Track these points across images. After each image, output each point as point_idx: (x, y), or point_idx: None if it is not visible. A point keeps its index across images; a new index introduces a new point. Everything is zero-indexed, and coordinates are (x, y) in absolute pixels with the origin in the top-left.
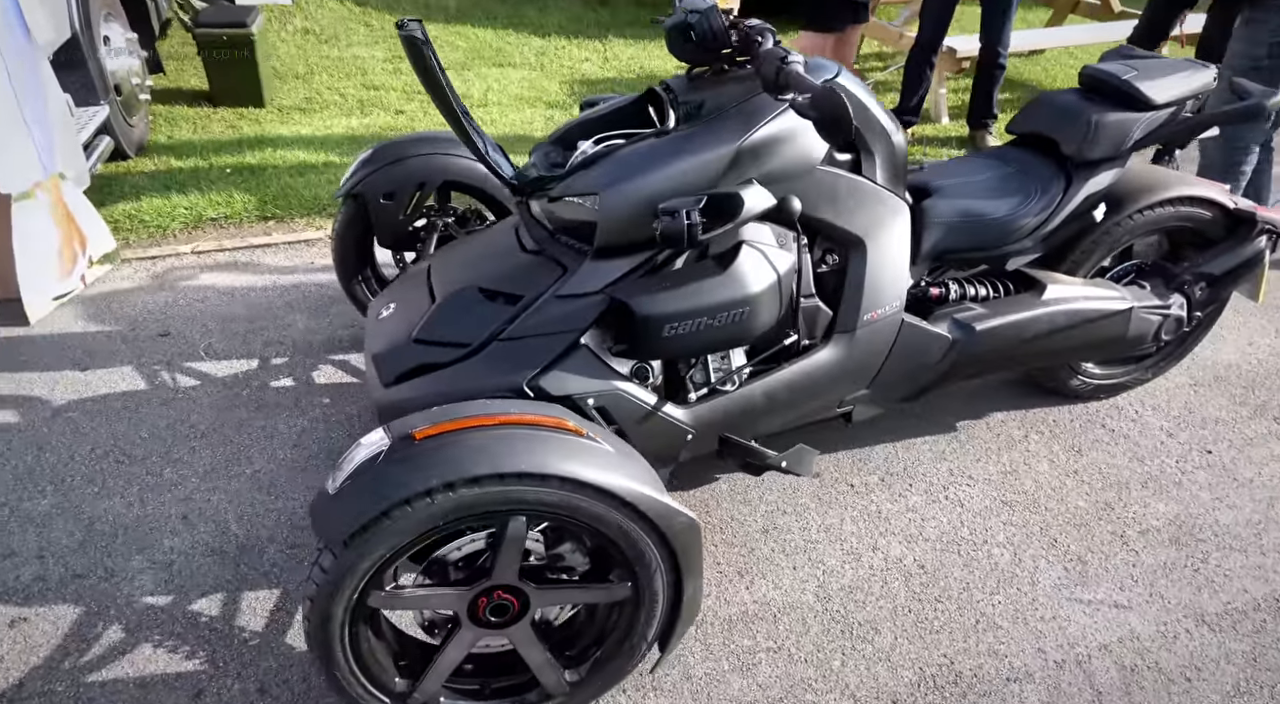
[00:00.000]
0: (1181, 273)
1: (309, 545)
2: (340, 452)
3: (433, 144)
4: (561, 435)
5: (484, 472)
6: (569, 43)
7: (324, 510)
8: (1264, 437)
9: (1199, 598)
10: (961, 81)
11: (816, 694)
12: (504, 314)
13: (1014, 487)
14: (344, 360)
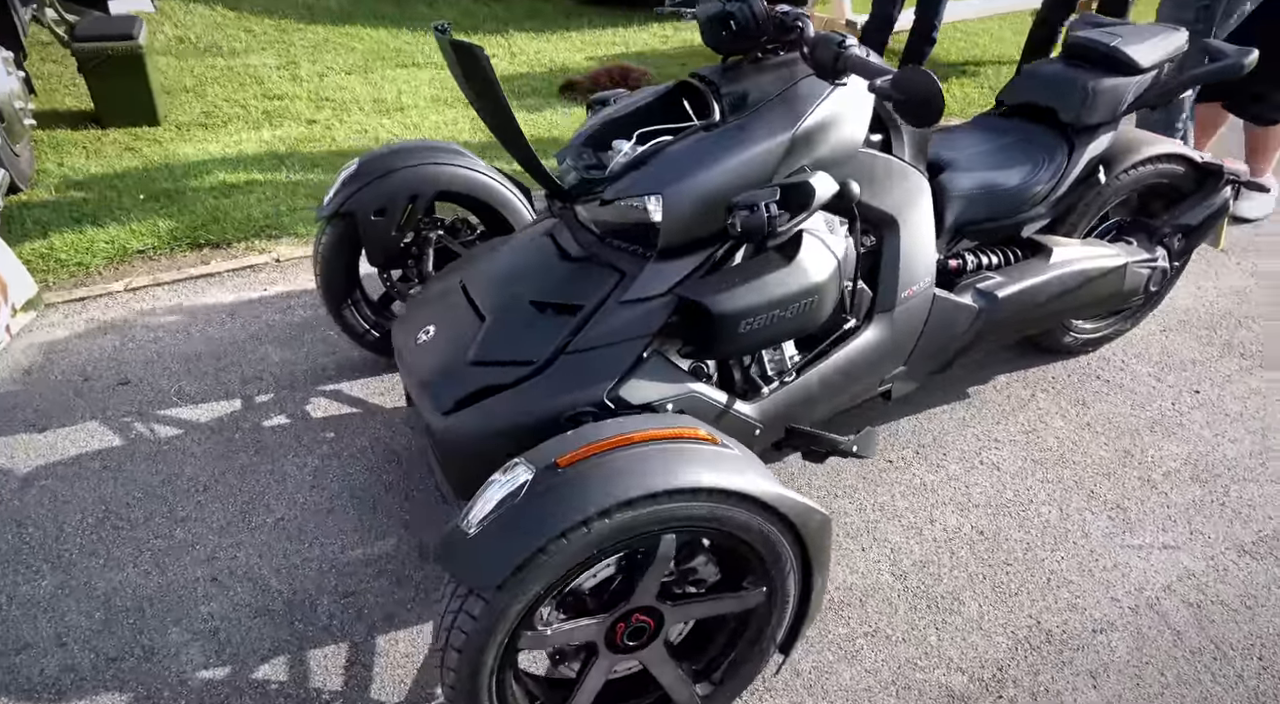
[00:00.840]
0: (1161, 226)
1: (365, 592)
2: (363, 489)
3: (418, 155)
4: (700, 446)
5: (638, 493)
6: (469, 39)
7: (466, 554)
8: (1238, 373)
9: (1234, 530)
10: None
11: (924, 672)
12: (564, 326)
13: (1038, 445)
14: (336, 390)
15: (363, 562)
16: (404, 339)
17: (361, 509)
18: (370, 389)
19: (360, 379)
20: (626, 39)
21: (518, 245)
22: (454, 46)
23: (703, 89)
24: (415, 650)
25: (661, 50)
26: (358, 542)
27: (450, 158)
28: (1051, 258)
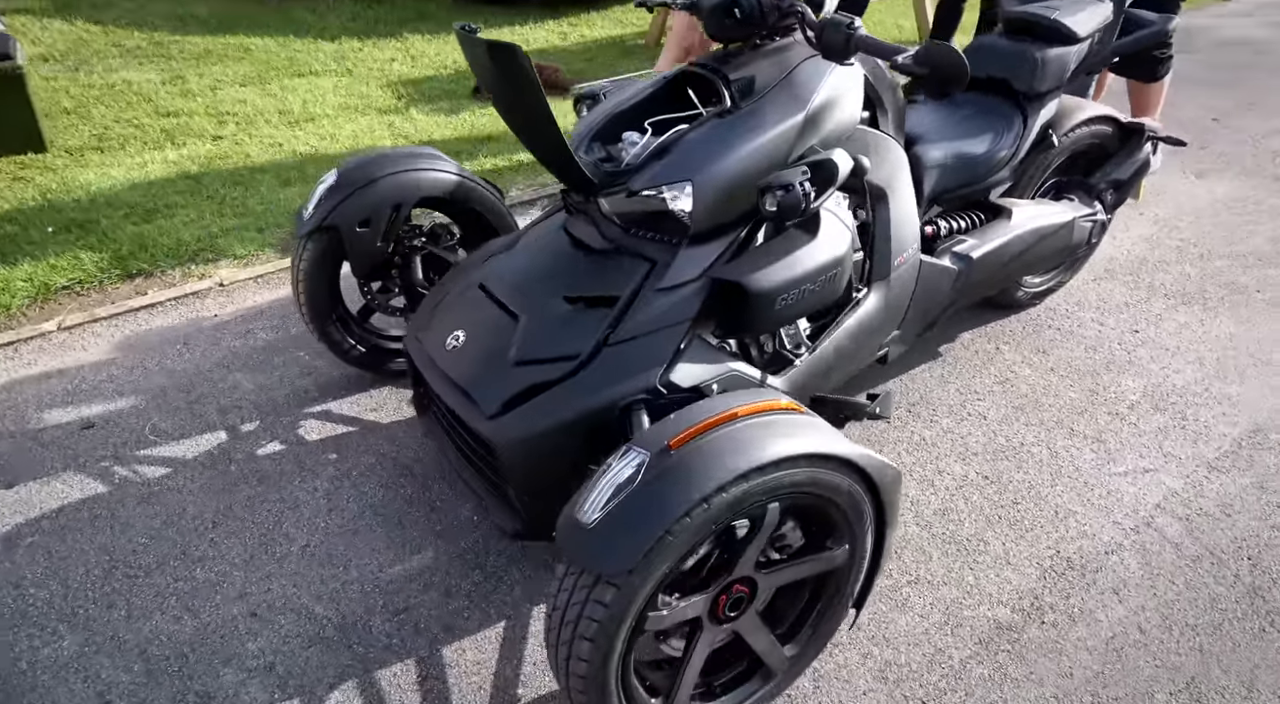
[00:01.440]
0: (1096, 183)
1: (416, 606)
2: (384, 506)
3: (398, 161)
4: (790, 416)
5: (748, 466)
6: (364, 43)
7: (594, 542)
8: (1167, 311)
9: (1199, 449)
10: None
11: (970, 609)
12: (602, 319)
13: (1014, 392)
14: (325, 411)
15: (405, 577)
16: (428, 347)
17: (388, 526)
18: (361, 406)
19: (347, 397)
20: (525, 37)
21: (533, 244)
22: (489, 47)
23: (709, 77)
24: (484, 657)
25: (562, 47)
26: (394, 558)
27: (429, 163)
28: (1012, 219)
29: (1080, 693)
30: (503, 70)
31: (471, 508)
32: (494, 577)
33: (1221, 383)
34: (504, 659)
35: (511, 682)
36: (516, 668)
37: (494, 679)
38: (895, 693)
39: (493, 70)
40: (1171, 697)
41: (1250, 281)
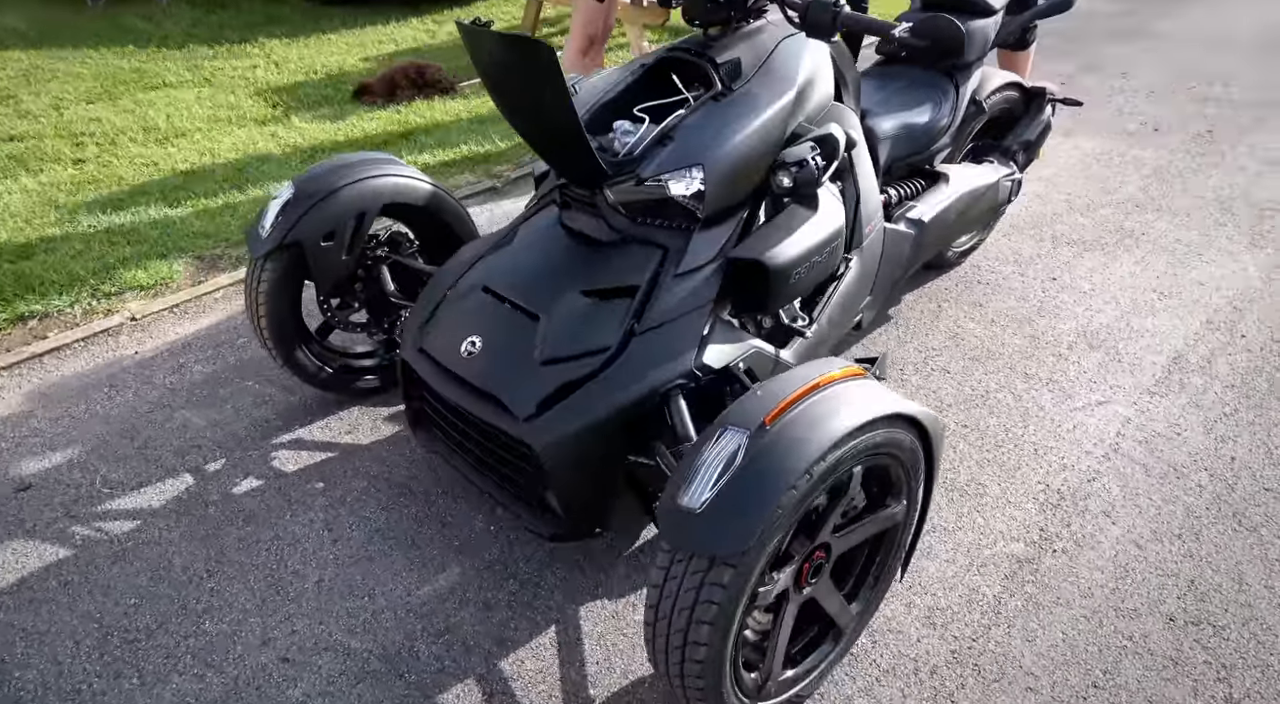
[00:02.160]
0: (1009, 145)
1: (458, 625)
2: (392, 528)
3: (357, 169)
4: (859, 381)
5: (841, 432)
6: (216, 51)
7: (706, 526)
8: (1074, 258)
9: (1137, 379)
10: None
11: (990, 547)
12: (623, 309)
13: (966, 345)
14: (294, 439)
15: (437, 597)
16: (438, 356)
17: (402, 548)
18: (334, 430)
19: (315, 422)
20: (391, 36)
21: (532, 241)
22: (509, 39)
23: (696, 61)
24: (545, 665)
25: (434, 44)
26: (419, 580)
27: (389, 168)
28: (950, 183)
29: (1104, 610)
30: (518, 63)
31: (485, 518)
32: (530, 584)
33: (1138, 318)
34: (565, 663)
35: (580, 685)
36: (580, 670)
37: (561, 684)
38: (946, 635)
39: (503, 63)
40: (1179, 600)
41: (1135, 226)
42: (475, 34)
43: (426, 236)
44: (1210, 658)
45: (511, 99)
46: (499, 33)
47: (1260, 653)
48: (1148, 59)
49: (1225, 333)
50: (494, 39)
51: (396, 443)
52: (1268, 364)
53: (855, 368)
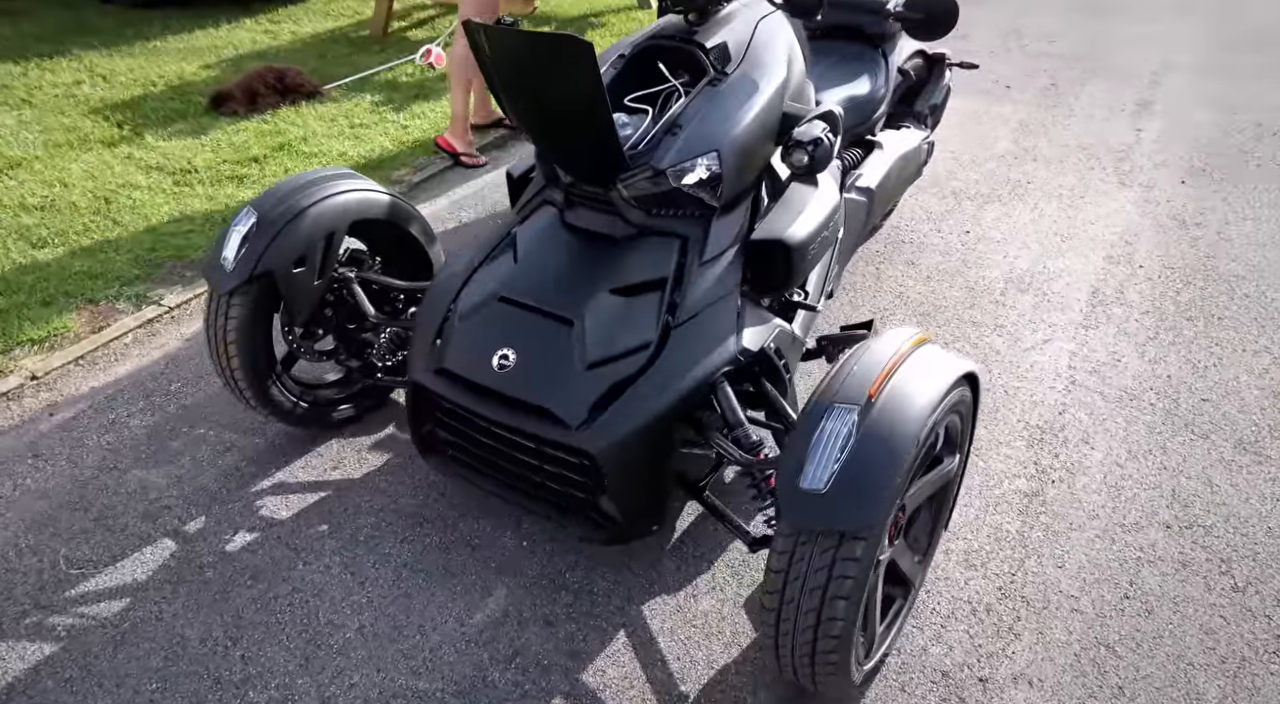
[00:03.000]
0: (919, 109)
1: (526, 646)
2: (419, 560)
3: (317, 187)
4: (930, 346)
5: (937, 398)
6: (25, 67)
7: (833, 505)
8: (978, 210)
9: (1067, 316)
10: None
11: (998, 487)
12: (655, 303)
13: (913, 302)
14: (276, 483)
15: (493, 622)
16: (466, 374)
17: (438, 578)
18: (316, 468)
19: (293, 463)
20: (230, 40)
21: (540, 245)
22: (556, 40)
23: (685, 48)
24: (627, 670)
25: (277, 46)
26: (468, 608)
27: (348, 183)
28: (884, 149)
29: (1112, 529)
30: (553, 60)
31: (514, 535)
32: (584, 592)
33: (1050, 260)
34: (647, 665)
35: (668, 683)
36: (664, 668)
37: (650, 686)
38: (988, 574)
39: (529, 62)
40: (1169, 509)
41: (1019, 176)
42: (500, 34)
43: (388, 251)
44: (1209, 555)
45: (531, 98)
46: (531, 32)
47: (1247, 544)
48: (980, 20)
49: (1126, 265)
50: (524, 38)
51: (392, 472)
52: (1169, 288)
53: (922, 334)
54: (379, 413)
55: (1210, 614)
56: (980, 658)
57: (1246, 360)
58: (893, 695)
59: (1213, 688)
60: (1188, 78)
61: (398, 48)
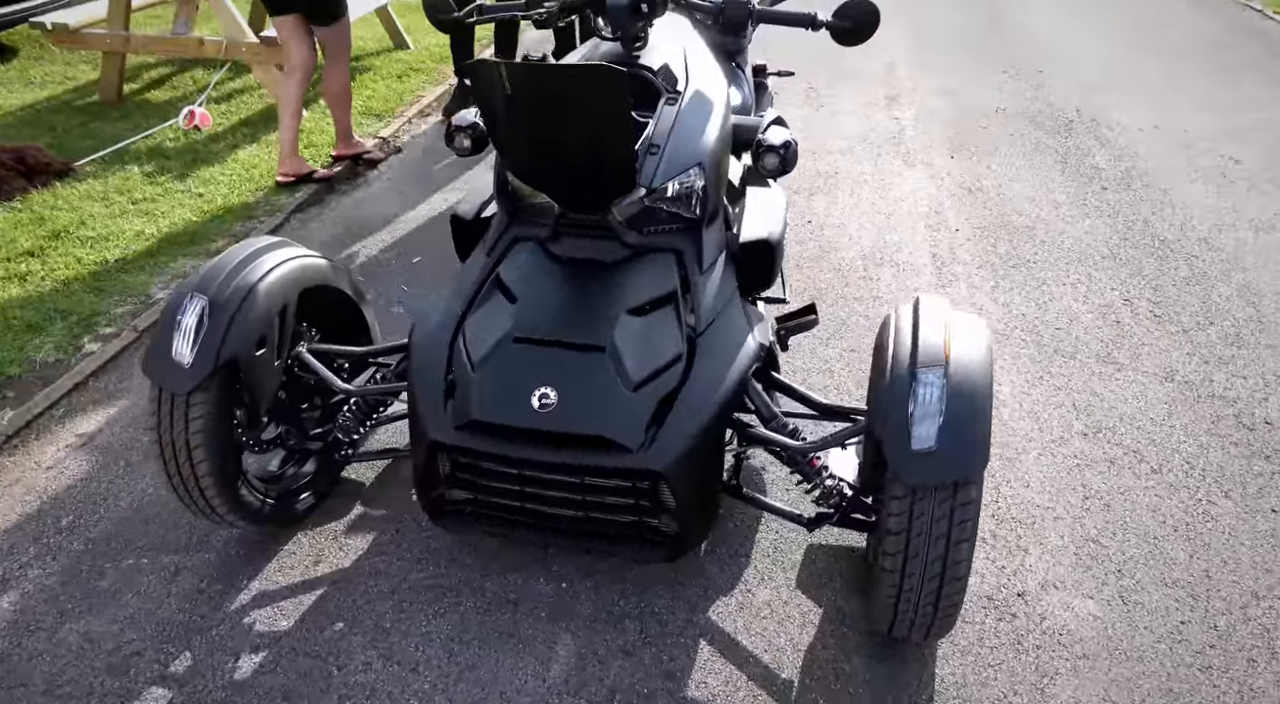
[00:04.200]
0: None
1: (625, 683)
2: (470, 632)
3: (259, 259)
4: (947, 306)
5: (989, 348)
6: None
7: (947, 458)
8: (809, 200)
9: (923, 278)
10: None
11: None
12: (673, 318)
13: (801, 289)
14: (257, 595)
15: (574, 668)
16: (505, 420)
17: (494, 642)
18: (297, 567)
19: (266, 566)
20: None
21: (533, 281)
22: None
23: (633, 72)
24: (727, 675)
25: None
26: (539, 663)
27: (286, 251)
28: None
29: (1048, 447)
30: (581, 92)
31: (546, 578)
32: (647, 616)
33: (887, 234)
34: (741, 664)
35: (768, 676)
36: (758, 662)
37: (754, 683)
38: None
39: (546, 95)
40: (1079, 421)
41: (826, 168)
42: (528, 69)
43: (321, 317)
44: (1124, 450)
45: (551, 129)
46: (562, 64)
47: (1145, 434)
48: None
49: (945, 231)
50: (557, 71)
51: (384, 551)
52: (986, 245)
53: (941, 298)
54: (338, 497)
55: (1148, 495)
56: (1008, 577)
57: (1069, 291)
58: (959, 629)
59: (1181, 552)
60: (910, 73)
61: (142, 112)
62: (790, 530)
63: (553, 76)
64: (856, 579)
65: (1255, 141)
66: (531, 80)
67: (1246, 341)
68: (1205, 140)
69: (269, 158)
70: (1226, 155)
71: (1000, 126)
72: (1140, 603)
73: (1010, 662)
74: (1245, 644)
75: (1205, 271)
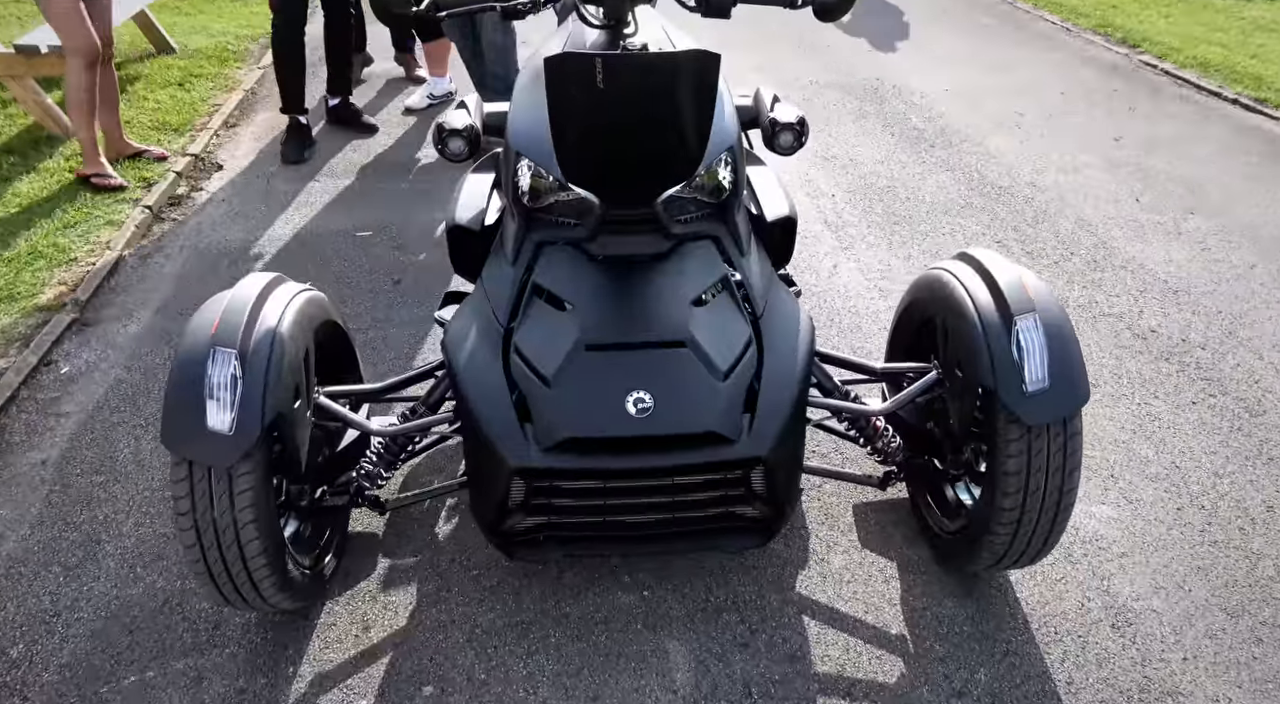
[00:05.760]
0: None
1: (754, 675)
2: (560, 668)
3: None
4: None
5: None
6: None
7: (1057, 396)
8: None
9: (828, 244)
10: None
11: None
12: (731, 303)
13: None
14: (316, 677)
15: (697, 673)
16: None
17: (602, 666)
18: (345, 640)
19: (309, 648)
20: None
21: (581, 285)
22: (685, 55)
23: None
24: (846, 645)
25: None
26: (659, 676)
27: (291, 286)
28: None
29: None
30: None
31: (624, 590)
32: (743, 605)
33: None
34: (853, 631)
35: (881, 635)
36: (867, 626)
37: (871, 645)
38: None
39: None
40: None
41: None
42: (621, 59)
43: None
44: None
45: (621, 123)
46: (657, 53)
47: None
48: None
49: (825, 198)
50: (653, 58)
51: (437, 601)
52: (863, 206)
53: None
54: (353, 555)
55: (1099, 407)
56: None
57: (951, 240)
58: None
59: (1148, 450)
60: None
61: None
62: (831, 495)
63: (654, 66)
64: (914, 529)
65: (1029, 96)
66: (630, 70)
67: (1103, 265)
68: (991, 98)
69: (61, 186)
70: (1013, 110)
71: (821, 98)
72: (1140, 499)
73: (1071, 573)
74: (1230, 516)
75: (1045, 210)
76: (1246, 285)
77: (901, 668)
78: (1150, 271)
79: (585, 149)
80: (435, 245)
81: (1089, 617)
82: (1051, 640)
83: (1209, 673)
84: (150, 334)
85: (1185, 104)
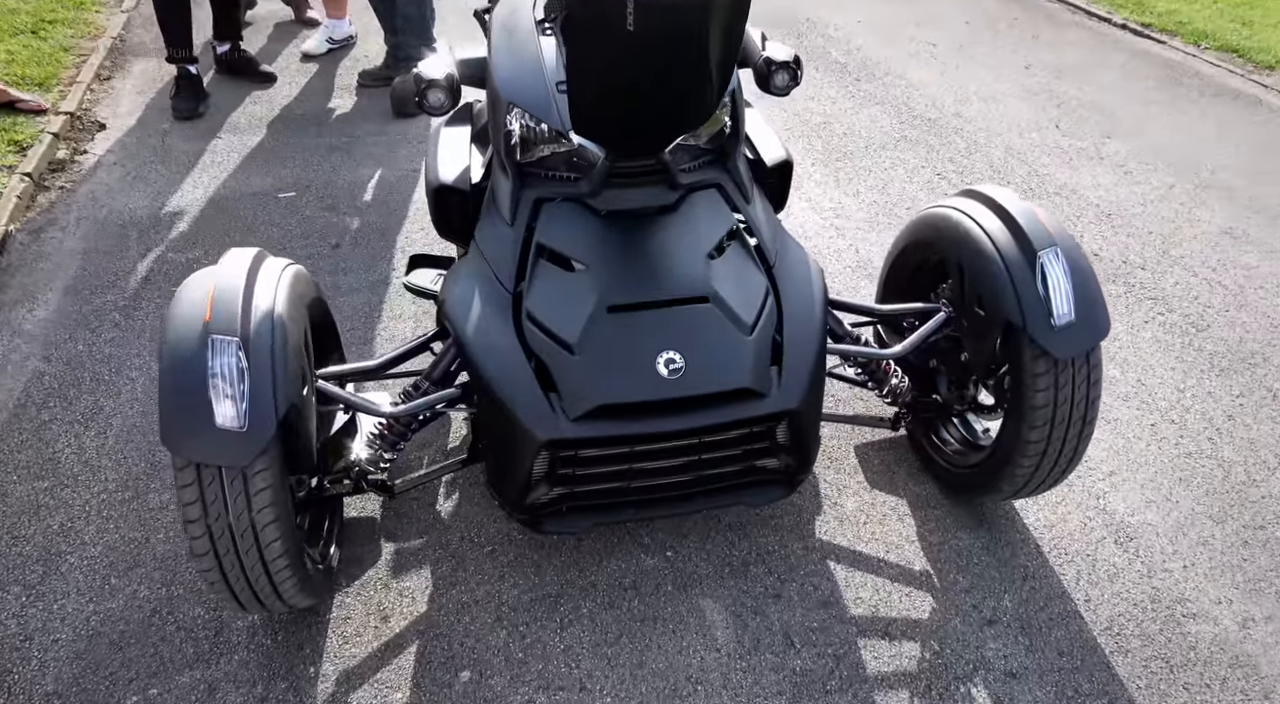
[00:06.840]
0: None
1: (794, 624)
2: (602, 640)
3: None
4: None
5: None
6: None
7: (1083, 330)
8: None
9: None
10: None
11: None
12: (744, 252)
13: None
14: (342, 674)
15: (736, 628)
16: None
17: (640, 631)
18: (364, 632)
19: (327, 644)
20: None
21: (590, 244)
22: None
23: None
24: (877, 585)
25: None
26: (699, 635)
27: (271, 259)
28: None
29: None
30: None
31: (650, 554)
32: (768, 556)
33: None
34: (880, 571)
35: (907, 572)
36: (892, 565)
37: (899, 584)
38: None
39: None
40: None
41: None
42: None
43: None
44: None
45: (648, 67)
46: None
47: None
48: None
49: None
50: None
51: (454, 579)
52: (800, 143)
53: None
54: (355, 544)
55: None
56: None
57: (894, 174)
58: None
59: (1137, 380)
60: None
61: None
62: (831, 439)
63: (690, 3)
64: (916, 466)
65: (937, 27)
66: (664, 9)
67: (1039, 192)
68: (902, 30)
69: None
70: (923, 40)
71: None
72: (1117, 419)
73: (1069, 496)
74: (1199, 428)
75: (975, 140)
76: (1170, 205)
77: (931, 603)
78: (1083, 196)
79: (603, 97)
80: (368, 206)
81: (1093, 536)
82: (1064, 561)
83: (1208, 577)
84: (64, 318)
85: (1081, 30)
